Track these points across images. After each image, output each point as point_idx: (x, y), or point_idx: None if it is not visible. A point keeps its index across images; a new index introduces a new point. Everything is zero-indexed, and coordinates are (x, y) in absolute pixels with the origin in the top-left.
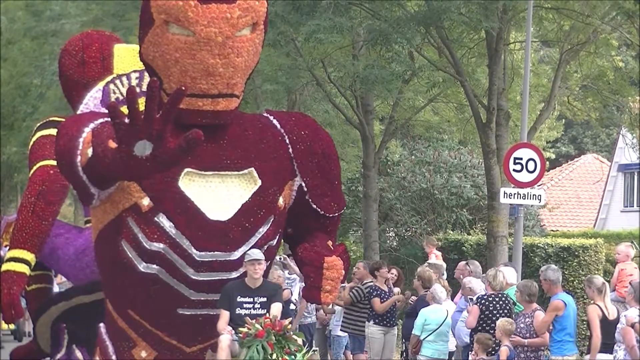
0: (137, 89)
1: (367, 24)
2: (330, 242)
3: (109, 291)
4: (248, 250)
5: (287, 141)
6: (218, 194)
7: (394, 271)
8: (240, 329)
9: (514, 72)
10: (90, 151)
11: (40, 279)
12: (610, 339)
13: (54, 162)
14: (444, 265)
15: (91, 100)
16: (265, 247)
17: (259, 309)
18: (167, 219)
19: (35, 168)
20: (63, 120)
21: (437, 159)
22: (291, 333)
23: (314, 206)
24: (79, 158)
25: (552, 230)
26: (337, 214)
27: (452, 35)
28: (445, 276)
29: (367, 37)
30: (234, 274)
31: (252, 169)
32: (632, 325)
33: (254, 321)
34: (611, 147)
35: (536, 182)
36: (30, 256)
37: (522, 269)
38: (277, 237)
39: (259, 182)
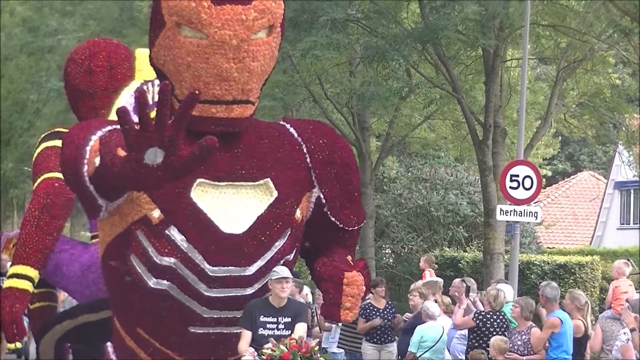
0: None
1: (364, 40)
2: (349, 257)
3: (116, 308)
4: (263, 265)
5: (305, 150)
6: (232, 206)
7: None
8: (264, 350)
9: (511, 89)
10: (97, 160)
11: (43, 297)
12: (583, 354)
13: (59, 175)
14: (441, 280)
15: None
16: (282, 261)
17: (282, 329)
18: (179, 232)
19: (39, 180)
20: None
21: (434, 176)
22: (318, 355)
23: (333, 219)
24: (85, 167)
25: (549, 248)
26: (356, 228)
27: (449, 53)
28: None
29: (364, 54)
30: (249, 291)
31: (268, 179)
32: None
33: (278, 342)
34: (608, 165)
35: (532, 200)
36: (33, 272)
37: (519, 286)
38: (294, 251)
39: (276, 194)
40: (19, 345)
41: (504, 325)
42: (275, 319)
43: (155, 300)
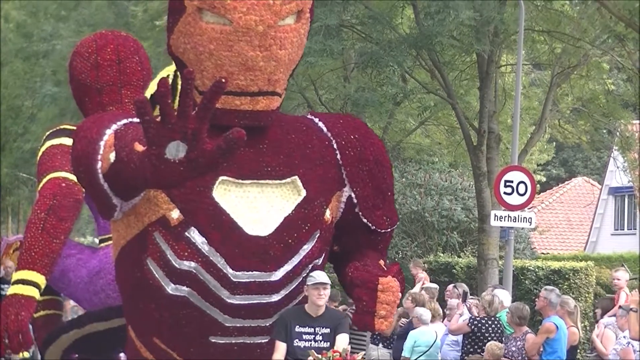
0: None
1: (358, 46)
2: (382, 262)
3: (131, 317)
4: (290, 269)
5: (335, 146)
6: (257, 206)
7: None
8: None
9: (505, 95)
10: (112, 155)
11: (49, 305)
12: None
13: (66, 174)
14: (437, 286)
15: None
16: (310, 266)
17: (320, 341)
18: (200, 234)
19: (44, 181)
20: (75, 128)
21: (428, 182)
22: None
23: (364, 220)
24: (99, 164)
25: (543, 253)
26: (389, 230)
27: (444, 58)
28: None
29: (359, 60)
30: (274, 298)
31: (296, 177)
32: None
33: (321, 355)
34: (602, 170)
35: (527, 205)
36: (40, 278)
37: (513, 291)
38: (323, 255)
39: (304, 193)
40: (27, 354)
41: (499, 331)
42: (312, 330)
43: (173, 307)
